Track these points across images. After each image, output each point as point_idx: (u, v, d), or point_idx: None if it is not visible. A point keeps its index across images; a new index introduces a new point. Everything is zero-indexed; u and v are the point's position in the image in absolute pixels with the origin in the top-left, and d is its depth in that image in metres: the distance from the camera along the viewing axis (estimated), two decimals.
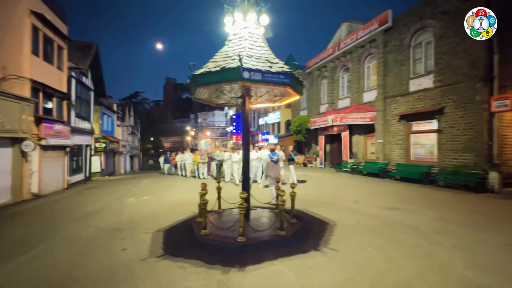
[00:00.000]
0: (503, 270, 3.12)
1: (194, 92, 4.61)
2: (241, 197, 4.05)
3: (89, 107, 15.52)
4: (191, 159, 13.67)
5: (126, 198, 8.31)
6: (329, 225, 4.86)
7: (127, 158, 30.12)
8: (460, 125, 9.31)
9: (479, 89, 8.69)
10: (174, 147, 61.73)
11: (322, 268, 3.22)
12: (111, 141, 20.23)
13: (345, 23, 16.09)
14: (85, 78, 14.69)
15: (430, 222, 5.03)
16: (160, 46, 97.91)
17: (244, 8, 4.76)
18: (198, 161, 12.69)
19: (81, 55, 14.07)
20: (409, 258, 3.47)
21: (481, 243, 3.94)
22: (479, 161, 8.65)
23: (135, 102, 63.78)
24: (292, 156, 10.13)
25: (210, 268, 3.24)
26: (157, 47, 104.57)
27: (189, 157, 13.87)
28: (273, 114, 28.80)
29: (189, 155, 13.92)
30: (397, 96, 11.96)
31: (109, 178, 17.93)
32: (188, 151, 14.47)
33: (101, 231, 4.93)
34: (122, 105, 31.14)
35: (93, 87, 16.17)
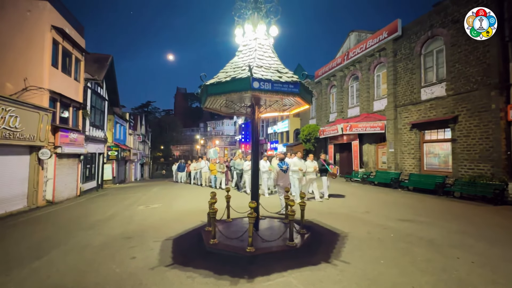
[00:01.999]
0: None
1: (204, 101, 4.69)
2: (250, 206, 4.03)
3: (103, 116, 16.00)
4: (207, 167, 13.14)
5: (135, 206, 8.41)
6: (340, 237, 4.74)
7: (138, 166, 30.63)
8: (475, 134, 9.03)
9: (495, 97, 8.46)
10: (184, 155, 62.45)
11: (333, 281, 3.12)
12: (123, 149, 20.67)
13: (354, 32, 16.16)
14: (100, 89, 15.23)
15: (446, 235, 4.83)
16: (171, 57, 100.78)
17: (254, 20, 4.87)
18: (217, 170, 11.93)
19: (97, 66, 14.65)
20: (425, 273, 3.32)
21: (501, 259, 3.74)
22: (496, 172, 8.32)
23: (147, 111, 65.38)
24: (326, 166, 8.66)
25: (218, 279, 3.20)
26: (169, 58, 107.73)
27: (205, 165, 13.36)
28: (282, 123, 28.82)
29: (205, 163, 13.44)
30: (409, 105, 11.78)
31: (120, 186, 18.23)
32: (204, 159, 14.02)
33: (111, 239, 4.98)
34: (134, 114, 31.92)
35: (107, 97, 16.72)
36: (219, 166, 11.87)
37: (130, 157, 24.09)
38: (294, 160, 8.12)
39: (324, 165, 8.65)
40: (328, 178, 8.77)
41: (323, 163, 8.72)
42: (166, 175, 38.03)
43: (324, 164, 8.67)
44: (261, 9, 4.85)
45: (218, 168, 11.82)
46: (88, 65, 13.52)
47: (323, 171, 8.71)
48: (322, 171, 8.73)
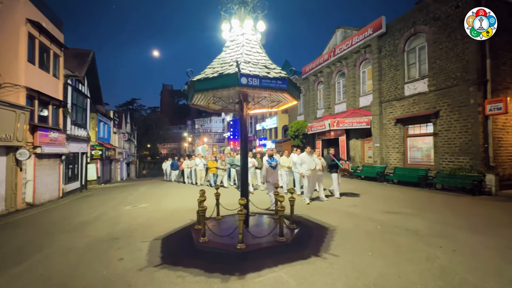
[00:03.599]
0: (505, 273, 3.11)
1: (191, 98, 4.60)
2: (240, 203, 4.01)
3: (85, 114, 15.42)
4: (202, 165, 12.51)
5: (122, 206, 8.20)
6: (329, 230, 4.82)
7: (124, 165, 29.85)
8: (455, 128, 9.41)
9: (473, 92, 8.83)
10: (172, 153, 61.47)
11: (323, 274, 3.18)
12: (108, 148, 20.04)
13: (340, 29, 16.34)
14: (82, 86, 14.64)
15: (430, 225, 5.02)
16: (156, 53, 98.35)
17: (241, 15, 4.81)
18: (218, 166, 11.06)
19: (77, 62, 14.04)
20: (410, 262, 3.44)
21: (481, 247, 3.94)
22: (475, 164, 8.73)
23: (132, 109, 63.75)
24: (336, 161, 7.97)
25: (209, 277, 3.18)
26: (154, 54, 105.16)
27: (200, 163, 12.62)
28: (270, 119, 28.89)
29: (200, 161, 12.68)
30: (393, 101, 12.09)
31: (105, 186, 17.71)
32: (199, 156, 13.13)
33: (97, 240, 4.83)
34: (119, 112, 30.99)
35: (90, 94, 16.10)
36: (220, 163, 11.02)
37: (116, 156, 23.40)
38: (302, 155, 7.55)
39: (334, 160, 7.96)
40: (339, 175, 8.13)
41: (333, 158, 8.01)
42: (154, 173, 37.29)
43: (334, 160, 7.98)
44: (247, 4, 4.79)
45: (220, 165, 11.00)
46: (68, 61, 12.93)
47: (333, 167, 7.95)
48: (332, 167, 7.97)
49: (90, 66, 14.81)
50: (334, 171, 7.96)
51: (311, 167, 7.20)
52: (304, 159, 7.38)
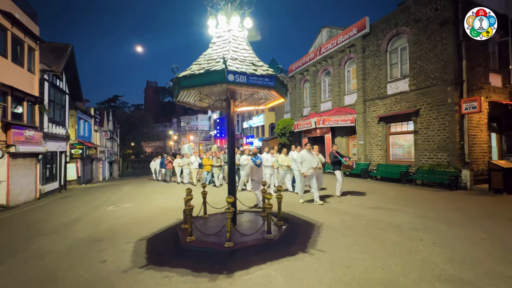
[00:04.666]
0: (480, 263, 3.28)
1: (177, 95, 4.50)
2: (228, 201, 3.98)
3: (64, 111, 14.72)
4: (197, 163, 11.82)
5: (105, 207, 7.92)
6: (316, 227, 4.90)
7: (106, 164, 28.86)
8: (434, 126, 9.83)
9: (450, 92, 9.25)
10: (157, 151, 60.16)
11: (311, 270, 3.22)
12: (88, 147, 19.27)
13: (326, 28, 16.56)
14: (59, 81, 13.94)
15: (411, 219, 5.22)
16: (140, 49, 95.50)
17: (227, 11, 4.74)
18: (214, 164, 10.61)
19: (54, 57, 13.35)
20: (393, 255, 3.56)
21: (458, 238, 4.14)
22: (452, 160, 9.16)
23: (114, 106, 61.64)
24: (339, 157, 7.58)
25: (197, 276, 3.13)
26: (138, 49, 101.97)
27: (195, 161, 11.90)
28: (257, 117, 28.90)
29: (196, 159, 11.95)
30: (376, 99, 12.44)
31: (87, 186, 17.04)
32: (194, 154, 12.45)
33: (78, 242, 4.63)
34: (100, 110, 29.84)
35: (68, 91, 15.38)
36: (216, 160, 10.61)
37: (97, 155, 22.56)
38: (303, 153, 6.99)
39: (337, 157, 7.56)
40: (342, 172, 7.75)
41: (336, 155, 7.62)
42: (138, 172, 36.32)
43: (337, 156, 7.58)
44: (234, 0, 4.73)
45: (216, 162, 10.60)
46: (44, 55, 12.27)
47: (337, 163, 7.58)
48: (335, 164, 7.62)
49: (68, 60, 14.12)
50: (337, 168, 7.55)
51: (313, 165, 6.74)
52: (305, 156, 6.87)
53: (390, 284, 2.84)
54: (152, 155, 54.57)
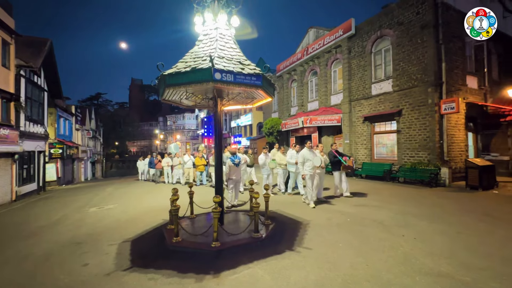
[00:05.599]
0: (457, 256, 3.44)
1: (162, 93, 4.40)
2: (215, 201, 3.95)
3: (43, 109, 14.05)
4: (191, 162, 11.32)
5: (87, 208, 7.65)
6: (303, 225, 4.96)
7: (88, 164, 27.88)
8: (415, 126, 10.19)
9: (431, 93, 9.62)
10: (142, 151, 58.77)
11: (297, 267, 3.26)
12: (69, 146, 18.52)
13: (313, 29, 16.76)
14: (37, 78, 13.29)
15: (394, 216, 5.40)
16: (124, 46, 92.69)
17: (214, 8, 4.69)
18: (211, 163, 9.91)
19: (32, 52, 12.70)
20: (377, 251, 3.67)
21: (437, 233, 4.33)
22: (432, 159, 9.55)
23: (97, 104, 59.64)
24: (339, 157, 7.13)
25: (183, 277, 3.09)
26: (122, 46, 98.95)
27: (189, 161, 11.35)
28: (245, 116, 28.86)
29: (189, 158, 11.45)
30: (361, 99, 12.74)
31: (67, 187, 16.38)
32: (188, 153, 11.98)
33: (58, 246, 4.45)
34: (82, 107, 28.78)
35: (47, 88, 14.70)
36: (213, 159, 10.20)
37: (79, 154, 21.75)
38: (303, 153, 6.47)
39: (337, 156, 7.13)
40: (342, 172, 7.35)
41: (335, 154, 7.18)
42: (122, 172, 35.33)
43: (336, 156, 7.14)
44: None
45: (212, 161, 10.04)
46: (21, 50, 11.64)
47: (336, 164, 7.14)
48: (334, 164, 7.19)
49: (47, 56, 13.49)
50: (336, 169, 7.13)
51: (317, 163, 6.22)
52: (306, 156, 6.31)
53: (373, 279, 2.93)
54: (137, 154, 53.26)
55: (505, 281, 2.82)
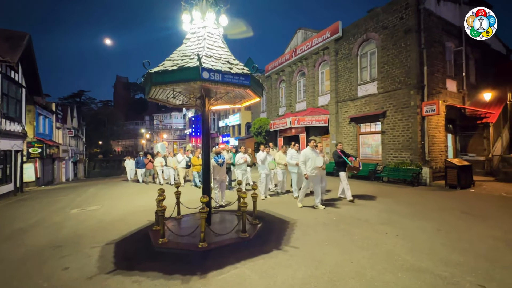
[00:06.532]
0: (436, 252, 3.59)
1: (149, 91, 4.31)
2: (202, 201, 3.91)
3: (20, 106, 13.38)
4: (185, 162, 10.92)
5: (68, 210, 7.36)
6: (290, 224, 5.00)
7: (70, 164, 26.85)
8: (399, 127, 10.53)
9: (413, 95, 9.97)
10: (127, 151, 57.28)
11: (284, 266, 3.28)
12: (49, 146, 17.75)
13: (301, 30, 16.95)
14: (15, 73, 12.65)
15: (378, 214, 5.55)
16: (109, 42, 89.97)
17: (202, 7, 4.65)
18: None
19: (9, 46, 12.06)
20: (361, 249, 3.76)
21: (418, 230, 4.49)
22: (414, 159, 9.90)
23: (80, 102, 57.58)
24: (344, 157, 6.77)
25: (169, 279, 3.04)
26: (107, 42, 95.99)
27: (182, 160, 10.92)
28: (233, 116, 28.75)
29: (183, 158, 11.02)
30: (348, 101, 13.01)
31: (47, 188, 15.69)
32: (181, 152, 11.57)
33: (37, 249, 4.25)
34: (63, 105, 27.70)
35: (25, 84, 14.01)
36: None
37: (59, 154, 20.88)
38: (305, 152, 6.17)
39: (342, 156, 6.76)
40: (347, 174, 6.97)
41: (340, 154, 6.81)
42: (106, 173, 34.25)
43: (341, 156, 6.77)
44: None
45: None
46: None
47: (341, 164, 6.79)
48: (339, 165, 6.84)
49: (25, 51, 12.85)
50: (342, 170, 6.77)
51: (318, 164, 5.97)
52: (308, 155, 6.07)
53: (358, 276, 3.00)
54: (122, 154, 51.78)
55: (479, 274, 2.97)
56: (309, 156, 6.08)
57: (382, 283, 2.84)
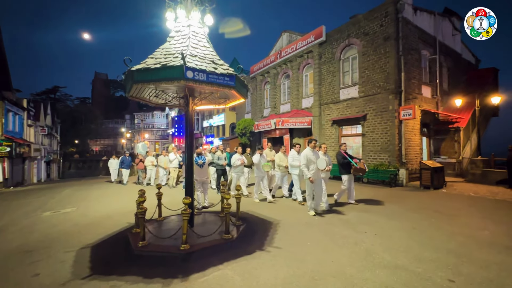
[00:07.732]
0: (411, 250, 3.77)
1: (129, 89, 4.17)
2: (184, 202, 3.84)
3: None
4: (177, 162, 10.40)
5: (39, 213, 6.93)
6: (273, 224, 5.04)
7: (42, 164, 25.34)
8: (378, 130, 10.96)
9: (392, 100, 10.42)
10: (106, 150, 55.02)
11: (267, 267, 3.30)
12: (19, 144, 16.65)
13: (286, 33, 17.17)
14: None
15: (358, 214, 5.74)
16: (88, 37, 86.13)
17: (187, 5, 4.58)
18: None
19: None
20: (342, 248, 3.87)
21: (395, 229, 4.69)
22: (392, 160, 10.34)
23: (54, 98, 54.57)
24: (348, 159, 6.47)
25: (149, 283, 2.95)
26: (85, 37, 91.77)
27: (175, 160, 10.36)
28: (218, 116, 28.52)
29: (175, 157, 10.46)
30: (330, 103, 13.34)
31: (16, 190, 14.69)
32: (174, 151, 10.96)
33: (3, 255, 3.97)
34: (36, 101, 26.10)
35: None
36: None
37: (31, 153, 19.63)
38: (306, 153, 5.75)
39: (346, 158, 6.50)
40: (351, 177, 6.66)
41: (344, 155, 6.54)
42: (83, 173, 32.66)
43: (346, 157, 6.50)
44: None
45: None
46: None
47: (345, 166, 6.51)
48: (343, 167, 6.54)
49: None
50: (345, 172, 6.52)
51: (321, 166, 5.59)
52: (309, 156, 5.68)
53: (338, 274, 3.08)
54: (100, 154, 49.60)
55: (450, 270, 3.16)
56: (310, 158, 5.67)
57: (361, 280, 2.94)
